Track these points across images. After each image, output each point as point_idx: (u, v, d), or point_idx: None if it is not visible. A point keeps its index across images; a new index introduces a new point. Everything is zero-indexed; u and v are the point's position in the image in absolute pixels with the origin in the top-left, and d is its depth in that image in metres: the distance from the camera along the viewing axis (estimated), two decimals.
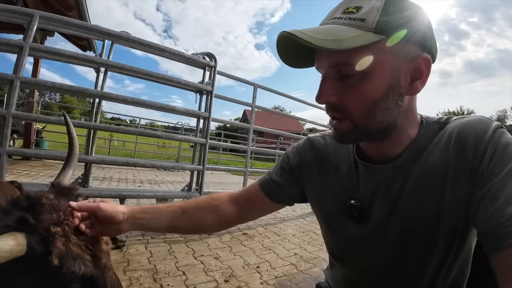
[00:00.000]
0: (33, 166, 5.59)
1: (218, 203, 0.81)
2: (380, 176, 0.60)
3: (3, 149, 1.94)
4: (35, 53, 2.40)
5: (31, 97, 6.07)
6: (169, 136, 3.06)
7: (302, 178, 0.76)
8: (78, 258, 0.57)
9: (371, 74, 0.50)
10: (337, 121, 0.56)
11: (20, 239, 0.52)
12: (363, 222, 0.63)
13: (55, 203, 0.61)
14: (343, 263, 0.75)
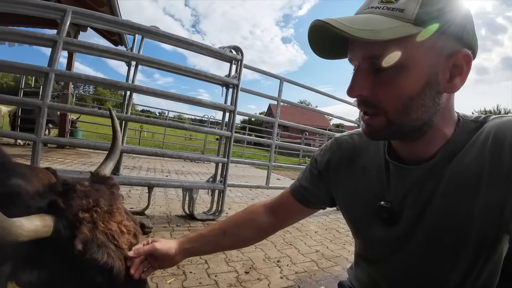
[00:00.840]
0: (67, 154, 6.04)
1: (255, 216, 0.84)
2: (412, 177, 0.58)
3: (39, 138, 2.10)
4: (69, 47, 2.55)
5: (66, 89, 6.52)
6: (195, 129, 3.13)
7: (330, 181, 0.75)
8: (102, 246, 0.58)
9: (407, 68, 0.47)
10: (369, 117, 0.53)
11: (48, 221, 0.55)
12: (392, 224, 0.62)
13: (87, 190, 0.64)
14: (369, 264, 0.74)
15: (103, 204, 0.64)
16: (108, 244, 0.60)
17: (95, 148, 2.48)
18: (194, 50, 2.85)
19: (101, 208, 0.63)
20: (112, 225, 0.63)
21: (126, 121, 2.69)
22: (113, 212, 0.65)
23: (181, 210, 2.84)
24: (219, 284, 1.61)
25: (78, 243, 0.55)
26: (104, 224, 0.62)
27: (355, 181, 0.69)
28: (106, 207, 0.64)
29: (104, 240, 0.60)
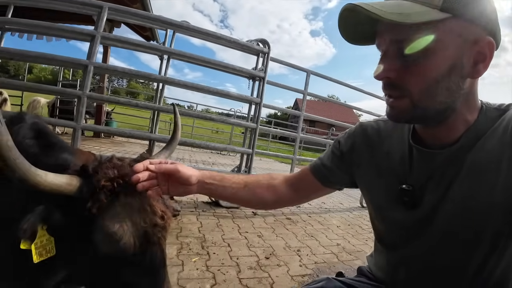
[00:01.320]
0: (103, 143, 6.50)
1: (276, 183, 0.85)
2: (435, 162, 0.59)
3: (78, 125, 2.32)
4: (106, 41, 2.74)
5: (102, 82, 6.97)
6: (222, 120, 3.24)
7: (352, 164, 0.77)
8: (117, 217, 0.61)
9: (433, 52, 0.48)
10: (394, 99, 0.55)
11: (74, 181, 0.63)
12: (413, 207, 0.63)
13: (119, 164, 0.69)
14: (387, 248, 0.75)
15: (129, 179, 0.66)
16: (123, 217, 0.62)
17: (130, 136, 2.68)
18: (222, 44, 2.93)
19: (126, 181, 0.65)
20: (136, 201, 0.65)
21: (158, 111, 2.87)
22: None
23: (207, 197, 2.99)
24: (240, 266, 1.69)
25: (92, 206, 0.61)
26: (126, 198, 0.64)
27: (378, 165, 0.71)
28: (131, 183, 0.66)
29: (120, 212, 0.62)
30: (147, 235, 0.66)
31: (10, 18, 2.54)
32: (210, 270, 1.58)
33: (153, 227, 0.66)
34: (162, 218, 0.68)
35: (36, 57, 2.47)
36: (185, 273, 1.51)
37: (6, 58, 2.90)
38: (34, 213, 0.60)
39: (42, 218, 0.61)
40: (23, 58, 3.02)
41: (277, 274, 1.68)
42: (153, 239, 0.67)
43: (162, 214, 0.69)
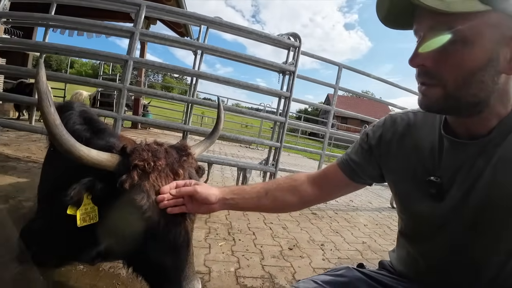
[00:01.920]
0: (140, 134, 6.93)
1: (298, 183, 0.85)
2: (465, 153, 0.59)
3: (119, 115, 2.52)
4: (144, 37, 2.92)
5: (139, 77, 7.40)
6: (252, 113, 3.32)
7: (381, 156, 0.76)
8: (145, 194, 0.68)
9: (472, 43, 0.48)
10: (426, 87, 0.55)
11: (114, 159, 0.73)
12: (440, 200, 0.62)
13: (153, 147, 0.76)
14: (410, 241, 0.75)
15: (161, 162, 0.72)
16: (150, 195, 0.68)
17: (165, 127, 2.88)
18: (253, 38, 2.98)
19: (156, 163, 0.71)
20: (164, 182, 0.71)
21: (192, 104, 3.02)
22: (169, 172, 0.73)
23: None
24: (263, 253, 1.76)
25: (126, 182, 0.69)
26: (155, 178, 0.70)
27: (407, 156, 0.70)
28: (163, 165, 0.72)
29: (148, 190, 0.69)
30: (172, 216, 0.71)
31: (54, 15, 2.80)
32: (235, 255, 1.67)
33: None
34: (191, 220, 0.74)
35: (80, 51, 2.72)
36: (212, 255, 1.62)
37: (51, 52, 3.22)
38: (80, 183, 0.71)
39: (86, 187, 0.72)
40: (68, 53, 3.32)
41: (299, 265, 1.71)
42: (178, 220, 0.72)
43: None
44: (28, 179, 2.30)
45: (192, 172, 0.82)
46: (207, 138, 1.04)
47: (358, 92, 4.08)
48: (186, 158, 0.80)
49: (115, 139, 1.07)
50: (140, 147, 0.76)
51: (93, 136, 1.03)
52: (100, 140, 1.00)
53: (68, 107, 1.14)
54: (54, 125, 0.66)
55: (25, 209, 1.73)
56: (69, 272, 1.21)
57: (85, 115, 1.14)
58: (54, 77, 3.01)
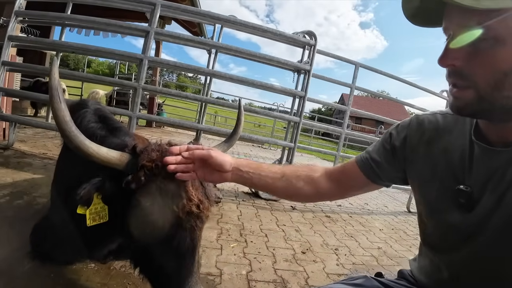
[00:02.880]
0: (154, 132, 7.03)
1: (316, 175, 0.82)
2: (498, 161, 0.55)
3: (134, 114, 2.55)
4: (159, 37, 2.93)
5: (154, 76, 7.51)
6: (266, 113, 3.28)
7: (405, 159, 0.72)
8: (150, 195, 0.64)
9: (505, 41, 0.45)
10: (458, 89, 0.52)
11: (124, 158, 0.71)
12: (470, 210, 0.59)
13: (164, 148, 0.73)
14: (435, 250, 0.71)
15: None
16: (155, 197, 0.65)
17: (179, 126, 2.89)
18: (268, 37, 2.94)
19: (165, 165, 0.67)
20: (170, 185, 0.67)
21: (205, 103, 3.02)
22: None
23: (247, 188, 3.07)
24: (276, 257, 1.72)
25: (132, 181, 0.66)
26: (163, 180, 0.66)
27: (434, 162, 0.66)
28: None
29: (154, 191, 0.65)
30: (179, 221, 0.67)
31: (70, 14, 2.86)
32: (246, 257, 1.64)
33: (186, 214, 0.67)
34: (197, 207, 0.69)
35: (96, 50, 2.77)
36: (223, 257, 1.59)
37: (67, 51, 3.30)
38: (90, 183, 0.70)
39: (96, 187, 0.71)
40: (85, 52, 3.40)
41: (312, 270, 1.66)
42: (184, 225, 0.68)
43: (198, 203, 0.69)
44: (43, 175, 2.36)
45: None
46: (226, 141, 1.00)
47: (375, 92, 3.95)
48: None
49: (130, 138, 1.06)
50: (150, 147, 0.74)
51: (108, 134, 1.03)
52: (116, 138, 1.00)
53: (83, 105, 1.15)
54: (63, 121, 0.65)
55: (40, 205, 1.77)
56: (81, 270, 1.21)
57: (100, 113, 1.14)
58: (70, 76, 3.09)
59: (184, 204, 0.67)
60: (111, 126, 1.09)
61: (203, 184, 0.74)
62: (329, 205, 3.36)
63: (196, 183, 0.72)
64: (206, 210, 0.72)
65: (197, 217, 0.70)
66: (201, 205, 0.69)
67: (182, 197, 0.66)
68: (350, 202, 3.74)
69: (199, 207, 0.69)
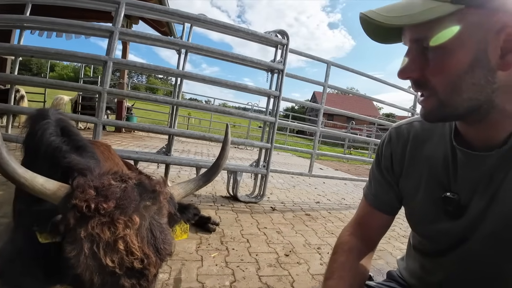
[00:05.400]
0: (124, 137, 6.70)
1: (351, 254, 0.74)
2: (483, 166, 0.54)
3: (100, 120, 2.36)
4: (124, 37, 2.75)
5: (122, 78, 7.14)
6: (241, 114, 3.21)
7: (396, 176, 0.72)
8: (78, 245, 0.52)
9: (451, 47, 0.46)
10: (423, 99, 0.53)
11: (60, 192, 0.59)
12: (458, 217, 0.59)
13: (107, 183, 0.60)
14: (426, 256, 0.71)
15: (108, 204, 0.55)
16: (84, 247, 0.52)
17: (149, 131, 2.72)
18: (240, 36, 2.87)
19: (99, 206, 0.55)
20: (105, 233, 0.53)
21: (177, 106, 2.88)
22: (117, 220, 0.54)
23: (225, 192, 2.98)
24: (259, 263, 1.67)
25: (60, 223, 0.55)
26: (96, 226, 0.53)
27: (419, 171, 0.66)
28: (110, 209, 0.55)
29: (82, 239, 0.52)
30: (115, 278, 0.53)
31: (28, 16, 2.60)
32: (229, 266, 1.57)
33: (125, 270, 0.54)
34: (141, 262, 0.55)
35: (56, 53, 2.53)
36: (204, 268, 1.51)
37: (27, 55, 3.01)
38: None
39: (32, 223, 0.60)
40: (44, 55, 3.11)
41: (297, 272, 1.63)
42: (123, 283, 0.54)
43: (142, 257, 0.55)
44: (3, 191, 2.11)
45: (159, 220, 0.62)
46: (204, 175, 0.86)
47: (346, 90, 4.05)
48: (151, 202, 0.62)
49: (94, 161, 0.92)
50: (88, 181, 0.60)
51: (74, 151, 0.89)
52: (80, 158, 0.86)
53: (43, 116, 0.98)
54: None
55: (1, 226, 1.56)
56: None
57: (63, 124, 0.99)
58: (29, 82, 2.80)
59: (122, 258, 0.53)
60: (76, 143, 0.94)
61: (153, 232, 0.59)
62: (308, 203, 3.39)
63: (143, 230, 0.58)
64: (152, 267, 0.57)
65: (140, 274, 0.55)
66: (146, 260, 0.55)
67: (120, 249, 0.53)
68: (328, 199, 3.81)
69: (143, 263, 0.55)
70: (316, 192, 4.09)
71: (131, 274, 0.54)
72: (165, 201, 0.67)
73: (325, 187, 4.58)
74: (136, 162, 2.52)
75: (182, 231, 0.81)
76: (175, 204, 0.74)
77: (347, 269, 0.70)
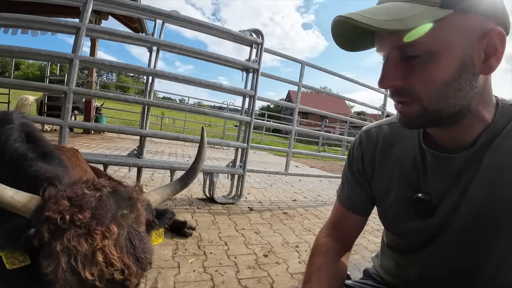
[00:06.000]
0: (93, 139, 6.33)
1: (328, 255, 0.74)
2: (452, 167, 0.56)
3: (65, 122, 2.19)
4: (92, 33, 2.58)
5: (90, 77, 6.74)
6: (216, 114, 3.14)
7: (368, 178, 0.73)
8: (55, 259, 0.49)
9: (439, 53, 0.45)
10: (403, 105, 0.51)
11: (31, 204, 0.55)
12: (429, 216, 0.60)
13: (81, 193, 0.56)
14: (399, 254, 0.73)
15: (84, 215, 0.52)
16: (61, 261, 0.49)
17: (119, 132, 2.58)
18: (214, 34, 2.81)
19: (74, 217, 0.51)
20: (83, 245, 0.50)
21: (148, 106, 2.75)
22: (94, 231, 0.51)
23: (201, 193, 2.91)
24: (238, 265, 1.64)
25: (33, 237, 0.51)
26: (72, 239, 0.50)
27: (389, 173, 0.67)
28: (86, 220, 0.52)
29: (58, 253, 0.49)
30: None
31: None
32: (207, 272, 1.52)
33: (106, 282, 0.51)
34: (121, 273, 0.53)
35: (20, 52, 2.31)
36: (182, 275, 1.45)
37: None
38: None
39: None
40: (8, 53, 2.83)
41: (276, 273, 1.63)
42: None
43: (122, 268, 0.53)
44: None
45: (137, 229, 0.59)
46: (181, 180, 0.84)
47: (320, 89, 4.15)
48: (129, 211, 0.59)
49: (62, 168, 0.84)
50: (60, 191, 0.56)
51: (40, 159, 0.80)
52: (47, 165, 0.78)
53: (6, 120, 0.87)
54: None
55: None
56: None
57: (27, 129, 0.89)
58: None
59: (102, 270, 0.51)
60: (42, 149, 0.85)
61: (132, 241, 0.56)
62: (285, 201, 3.42)
63: (122, 240, 0.55)
64: (134, 277, 0.55)
65: (121, 286, 0.54)
66: (127, 270, 0.54)
67: (99, 261, 0.50)
68: (304, 196, 3.88)
69: (124, 273, 0.53)
70: (292, 190, 4.15)
71: (112, 286, 0.52)
72: (143, 208, 0.64)
73: (301, 185, 4.66)
74: (106, 166, 2.38)
75: (157, 235, 0.79)
76: (152, 211, 0.71)
77: (325, 271, 0.70)
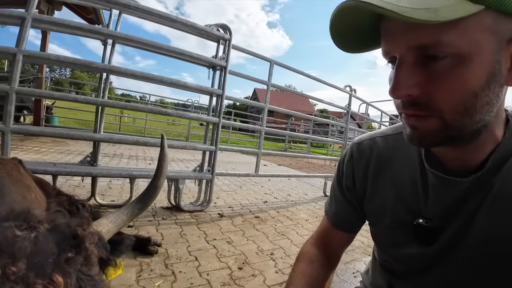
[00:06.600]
0: (44, 142, 5.61)
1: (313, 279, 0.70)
2: (458, 191, 0.49)
3: (7, 127, 1.84)
4: (39, 24, 2.22)
5: (40, 72, 5.98)
6: (180, 114, 2.91)
7: (358, 196, 0.67)
8: None
9: (469, 56, 0.36)
10: (416, 118, 0.42)
11: None
12: (430, 244, 0.54)
13: (11, 235, 0.42)
14: (393, 276, 0.67)
15: (18, 266, 0.39)
16: None
17: (68, 138, 2.23)
18: (178, 28, 2.59)
19: (9, 272, 0.39)
20: None
21: (103, 107, 2.44)
22: (33, 286, 0.39)
23: (166, 202, 2.68)
24: (212, 283, 1.49)
25: None
26: None
27: (384, 194, 0.60)
28: (21, 274, 0.39)
29: None
30: None
31: None
32: None
33: None
34: None
35: None
36: None
37: None
38: None
39: None
40: None
41: (253, 287, 1.52)
42: None
43: None
44: None
45: (88, 273, 0.47)
46: (139, 200, 0.72)
47: (288, 89, 4.12)
48: (75, 252, 0.46)
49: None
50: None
51: None
52: None
53: None
54: None
55: None
56: None
57: None
58: None
59: None
60: None
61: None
62: (256, 203, 3.33)
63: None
64: None
65: None
66: None
67: None
68: (275, 196, 3.83)
69: None
70: (263, 191, 4.07)
71: None
72: (92, 246, 0.50)
73: (271, 184, 4.61)
74: (55, 177, 2.05)
75: (116, 268, 0.65)
76: (106, 246, 0.57)
77: (307, 276, 0.68)
